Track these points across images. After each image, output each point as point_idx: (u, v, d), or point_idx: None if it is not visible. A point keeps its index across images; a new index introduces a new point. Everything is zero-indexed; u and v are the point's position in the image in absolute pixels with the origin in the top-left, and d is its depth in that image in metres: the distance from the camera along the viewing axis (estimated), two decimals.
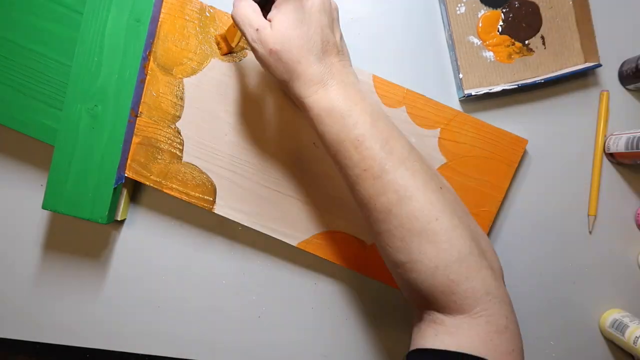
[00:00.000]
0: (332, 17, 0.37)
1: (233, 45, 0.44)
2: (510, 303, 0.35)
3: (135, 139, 0.46)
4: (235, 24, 0.37)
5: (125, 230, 0.51)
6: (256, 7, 0.36)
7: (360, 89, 0.37)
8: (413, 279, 0.35)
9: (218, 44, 0.46)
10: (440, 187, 0.36)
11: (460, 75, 0.48)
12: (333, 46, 0.36)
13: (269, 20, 0.36)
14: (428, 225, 0.34)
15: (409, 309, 0.50)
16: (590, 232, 0.50)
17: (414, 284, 0.35)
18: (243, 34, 0.37)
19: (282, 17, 0.35)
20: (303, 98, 0.36)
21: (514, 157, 0.46)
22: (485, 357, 0.32)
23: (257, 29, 0.35)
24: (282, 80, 0.37)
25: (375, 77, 0.46)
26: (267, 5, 0.38)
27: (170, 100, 0.46)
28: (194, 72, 0.46)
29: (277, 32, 0.35)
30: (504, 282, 0.37)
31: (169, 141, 0.46)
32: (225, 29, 0.45)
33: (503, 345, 0.33)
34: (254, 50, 0.37)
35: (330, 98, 0.35)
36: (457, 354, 0.32)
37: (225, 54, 0.46)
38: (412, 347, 0.36)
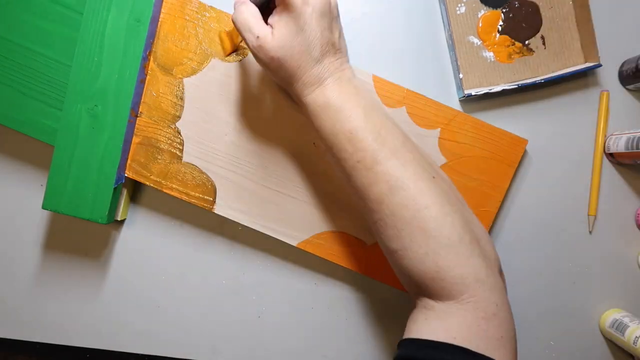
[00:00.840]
0: (332, 17, 0.37)
1: (237, 42, 0.44)
2: (503, 290, 0.36)
3: (135, 139, 0.46)
4: (236, 29, 0.37)
5: (125, 230, 0.51)
6: (256, 12, 0.36)
7: (357, 84, 0.39)
8: (405, 265, 0.36)
9: (222, 41, 0.45)
10: (433, 177, 0.37)
11: (460, 75, 0.48)
12: (332, 46, 0.37)
13: (270, 26, 0.36)
14: (418, 214, 0.35)
15: (408, 307, 0.50)
16: (590, 232, 0.50)
17: (406, 271, 0.36)
18: (243, 39, 0.37)
19: (282, 24, 0.36)
20: (301, 97, 0.38)
21: (514, 157, 0.46)
22: (469, 346, 0.32)
23: (257, 37, 0.36)
24: (283, 83, 0.39)
25: (375, 77, 0.46)
26: (268, 7, 0.37)
27: (170, 100, 0.46)
28: (194, 72, 0.46)
29: (278, 40, 0.36)
30: (499, 271, 0.37)
31: (169, 141, 0.46)
32: (229, 28, 0.45)
33: (491, 330, 0.33)
34: (254, 55, 0.37)
35: (325, 95, 0.37)
36: (444, 345, 0.33)
37: (229, 54, 0.46)
38: (405, 334, 0.37)
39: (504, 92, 0.48)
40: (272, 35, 0.36)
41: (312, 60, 0.36)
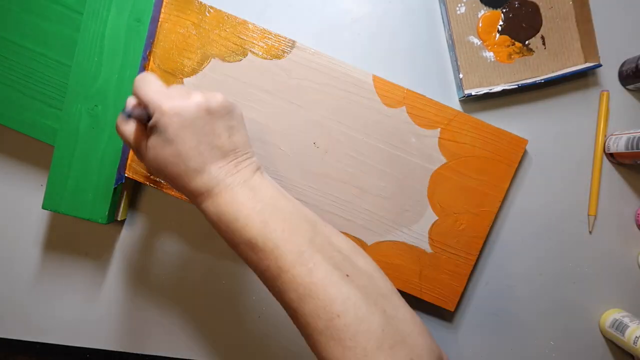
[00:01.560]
0: (214, 119, 0.34)
1: None
2: None
3: None
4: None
5: (125, 230, 0.51)
6: (132, 129, 0.35)
7: (255, 183, 0.35)
8: None
9: None
10: (347, 275, 0.33)
11: (460, 75, 0.48)
12: (218, 150, 0.34)
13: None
14: (330, 323, 0.32)
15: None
16: (590, 232, 0.50)
17: None
18: None
19: (152, 137, 0.34)
20: (196, 205, 0.36)
21: (514, 157, 0.46)
22: None
23: (137, 151, 0.36)
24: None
25: (375, 77, 0.46)
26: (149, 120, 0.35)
27: None
28: (194, 72, 0.46)
29: (150, 154, 0.34)
30: None
31: None
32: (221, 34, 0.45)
33: None
34: None
35: (217, 205, 0.34)
36: None
37: None
38: None
39: (504, 92, 0.48)
40: (145, 146, 0.34)
41: (191, 171, 0.34)
